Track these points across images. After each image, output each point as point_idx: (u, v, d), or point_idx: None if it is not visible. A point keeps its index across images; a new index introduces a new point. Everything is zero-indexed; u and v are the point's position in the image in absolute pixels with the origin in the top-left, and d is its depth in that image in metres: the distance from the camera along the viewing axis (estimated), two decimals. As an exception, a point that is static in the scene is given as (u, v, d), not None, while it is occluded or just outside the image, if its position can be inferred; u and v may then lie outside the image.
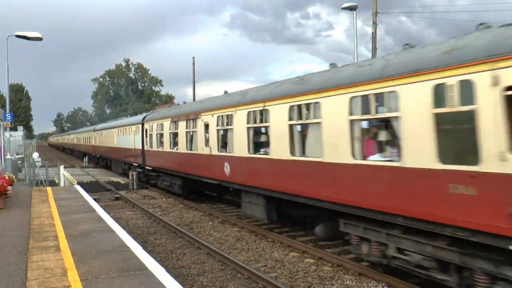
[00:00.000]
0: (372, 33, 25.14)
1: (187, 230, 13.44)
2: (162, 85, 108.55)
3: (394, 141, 7.90)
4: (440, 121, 6.75)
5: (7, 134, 25.25)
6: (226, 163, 14.19)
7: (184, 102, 22.34)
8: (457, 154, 6.63)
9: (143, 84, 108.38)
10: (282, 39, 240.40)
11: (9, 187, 13.06)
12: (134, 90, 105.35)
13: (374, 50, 25.02)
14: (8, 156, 21.35)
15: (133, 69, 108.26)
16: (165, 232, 13.54)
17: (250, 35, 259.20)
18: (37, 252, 7.50)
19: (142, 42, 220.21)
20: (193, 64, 46.56)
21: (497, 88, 5.79)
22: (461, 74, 6.33)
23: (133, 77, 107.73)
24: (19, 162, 29.26)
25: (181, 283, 6.14)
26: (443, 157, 6.68)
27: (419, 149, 7.08)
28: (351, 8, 21.76)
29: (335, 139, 9.05)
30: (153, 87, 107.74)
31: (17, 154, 32.73)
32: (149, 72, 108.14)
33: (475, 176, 6.14)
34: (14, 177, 14.72)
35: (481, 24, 6.96)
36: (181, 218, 15.69)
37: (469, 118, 6.19)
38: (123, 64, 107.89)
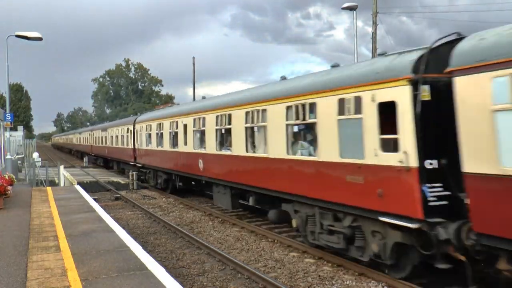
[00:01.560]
0: (372, 33, 25.15)
1: (187, 230, 13.45)
2: (162, 85, 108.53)
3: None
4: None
5: (7, 134, 25.26)
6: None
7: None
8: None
9: (143, 84, 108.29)
10: (283, 39, 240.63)
11: (9, 187, 13.06)
12: (134, 90, 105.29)
13: (374, 50, 25.02)
14: (8, 156, 21.36)
15: (133, 69, 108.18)
16: (165, 232, 13.55)
17: (251, 35, 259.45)
18: (37, 252, 7.50)
19: (142, 42, 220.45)
20: (193, 64, 46.61)
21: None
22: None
23: (133, 77, 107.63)
24: (19, 162, 29.27)
25: (181, 283, 6.14)
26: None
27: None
28: (351, 8, 21.77)
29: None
30: (153, 87, 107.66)
31: (17, 154, 32.73)
32: (149, 72, 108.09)
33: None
34: (14, 177, 14.72)
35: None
36: (181, 218, 15.70)
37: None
38: (123, 64, 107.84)
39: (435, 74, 7.45)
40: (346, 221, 9.18)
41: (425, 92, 7.35)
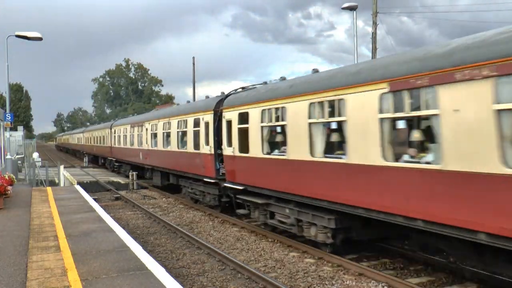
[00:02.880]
0: (372, 33, 25.14)
1: (187, 230, 13.45)
2: (162, 85, 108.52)
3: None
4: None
5: (7, 134, 25.26)
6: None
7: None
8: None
9: (143, 84, 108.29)
10: (284, 39, 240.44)
11: (9, 187, 13.06)
12: (134, 90, 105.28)
13: (374, 50, 25.02)
14: (8, 156, 21.36)
15: (133, 69, 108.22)
16: (165, 232, 13.55)
17: (251, 35, 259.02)
18: (37, 252, 7.50)
19: (142, 42, 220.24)
20: (193, 64, 46.61)
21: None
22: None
23: (133, 77, 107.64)
24: (19, 162, 29.26)
25: (181, 283, 6.14)
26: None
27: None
28: (351, 8, 21.76)
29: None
30: (153, 87, 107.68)
31: (17, 154, 32.74)
32: (149, 72, 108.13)
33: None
34: (14, 177, 14.72)
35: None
36: (181, 218, 15.70)
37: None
38: (123, 64, 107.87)
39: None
40: None
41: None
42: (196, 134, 16.80)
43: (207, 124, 15.80)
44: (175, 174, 19.87)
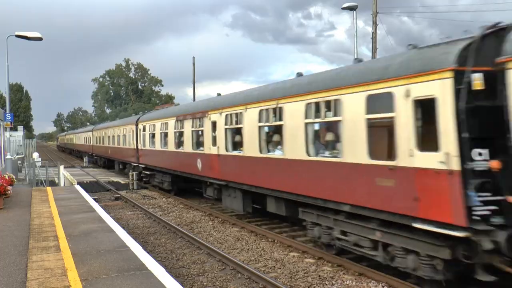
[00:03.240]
0: (372, 33, 25.14)
1: (187, 230, 13.44)
2: (162, 85, 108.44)
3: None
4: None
5: (7, 134, 25.26)
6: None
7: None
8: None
9: (143, 84, 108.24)
10: (284, 39, 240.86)
11: (9, 187, 13.05)
12: (134, 90, 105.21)
13: (374, 50, 25.02)
14: (8, 156, 21.37)
15: (133, 69, 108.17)
16: (165, 232, 13.54)
17: (252, 35, 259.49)
18: (37, 252, 7.50)
19: (143, 42, 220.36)
20: (193, 64, 46.58)
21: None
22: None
23: (133, 77, 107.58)
24: (19, 162, 29.26)
25: (181, 283, 6.15)
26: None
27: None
28: (351, 8, 21.76)
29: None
30: (153, 87, 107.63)
31: (17, 154, 32.73)
32: (149, 72, 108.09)
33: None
34: (14, 177, 14.71)
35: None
36: (181, 218, 15.69)
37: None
38: (123, 64, 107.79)
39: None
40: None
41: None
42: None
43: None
44: (286, 199, 11.63)
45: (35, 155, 25.94)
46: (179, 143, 18.87)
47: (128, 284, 5.78)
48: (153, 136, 22.61)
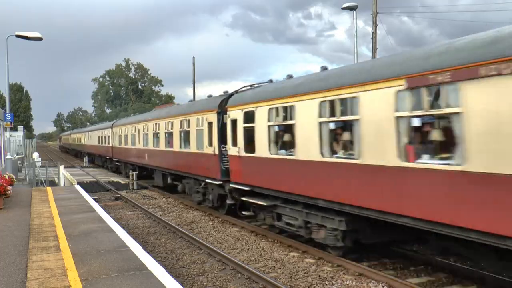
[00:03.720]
0: (372, 33, 25.14)
1: (187, 230, 13.44)
2: (162, 85, 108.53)
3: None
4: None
5: (7, 134, 25.26)
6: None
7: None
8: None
9: (143, 84, 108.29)
10: (284, 39, 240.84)
11: (9, 187, 13.05)
12: (134, 90, 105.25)
13: (374, 50, 25.02)
14: (8, 156, 21.37)
15: (133, 69, 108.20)
16: (165, 232, 13.54)
17: (252, 35, 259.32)
18: (37, 252, 7.50)
19: (143, 42, 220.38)
20: (193, 64, 46.61)
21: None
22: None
23: (133, 77, 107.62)
24: (19, 162, 29.27)
25: (181, 283, 6.14)
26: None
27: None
28: (351, 8, 21.76)
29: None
30: (153, 87, 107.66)
31: (17, 154, 32.74)
32: (149, 72, 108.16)
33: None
34: (14, 177, 14.71)
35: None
36: (181, 218, 15.69)
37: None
38: (123, 64, 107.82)
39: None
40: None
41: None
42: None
43: None
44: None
45: (35, 155, 25.94)
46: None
47: (128, 284, 5.78)
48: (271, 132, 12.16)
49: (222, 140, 14.77)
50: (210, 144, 15.52)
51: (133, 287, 5.67)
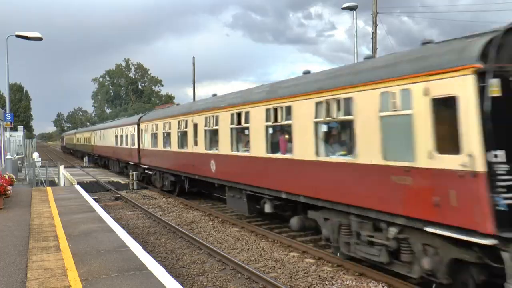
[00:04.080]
0: (372, 33, 25.14)
1: (187, 230, 13.44)
2: (162, 85, 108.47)
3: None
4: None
5: (7, 134, 25.26)
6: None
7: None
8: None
9: (143, 84, 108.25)
10: (284, 39, 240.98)
11: (9, 187, 13.05)
12: (134, 90, 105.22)
13: (374, 50, 25.02)
14: (8, 156, 21.37)
15: (133, 69, 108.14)
16: (165, 232, 13.54)
17: (252, 35, 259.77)
18: (37, 252, 7.50)
19: (143, 42, 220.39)
20: (193, 64, 46.59)
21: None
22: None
23: (133, 77, 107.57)
24: (19, 162, 29.27)
25: (181, 283, 6.15)
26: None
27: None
28: (351, 8, 21.76)
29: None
30: (153, 87, 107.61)
31: (17, 154, 32.73)
32: (149, 72, 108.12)
33: None
34: (14, 177, 14.71)
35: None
36: (181, 218, 15.69)
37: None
38: (123, 64, 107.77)
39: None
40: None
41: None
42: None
43: None
44: None
45: (35, 155, 25.94)
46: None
47: (128, 284, 5.78)
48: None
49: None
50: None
51: (133, 287, 5.67)
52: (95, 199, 15.05)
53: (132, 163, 27.04)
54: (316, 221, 10.32)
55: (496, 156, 6.04)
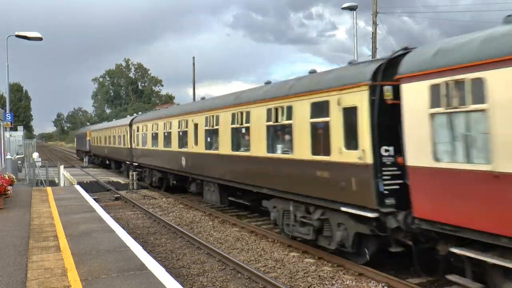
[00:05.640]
0: (372, 33, 25.14)
1: (187, 230, 13.44)
2: (162, 85, 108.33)
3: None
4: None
5: (7, 134, 25.27)
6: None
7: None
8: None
9: (143, 84, 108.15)
10: (285, 39, 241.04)
11: (9, 187, 13.05)
12: (134, 90, 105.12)
13: (374, 50, 25.03)
14: (8, 156, 21.37)
15: (133, 69, 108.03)
16: (165, 232, 13.54)
17: (253, 35, 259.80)
18: (37, 252, 7.49)
19: (143, 42, 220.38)
20: (193, 64, 46.61)
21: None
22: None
23: (133, 77, 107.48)
24: (19, 162, 29.27)
25: (181, 283, 6.14)
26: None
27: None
28: (351, 8, 21.77)
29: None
30: (153, 87, 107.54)
31: (17, 154, 32.72)
32: (149, 72, 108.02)
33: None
34: (14, 177, 14.70)
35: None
36: (181, 218, 15.69)
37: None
38: (123, 64, 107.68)
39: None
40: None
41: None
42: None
43: None
44: None
45: (35, 155, 25.94)
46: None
47: (128, 284, 5.78)
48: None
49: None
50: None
51: (133, 287, 5.66)
52: (95, 199, 15.04)
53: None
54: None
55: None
